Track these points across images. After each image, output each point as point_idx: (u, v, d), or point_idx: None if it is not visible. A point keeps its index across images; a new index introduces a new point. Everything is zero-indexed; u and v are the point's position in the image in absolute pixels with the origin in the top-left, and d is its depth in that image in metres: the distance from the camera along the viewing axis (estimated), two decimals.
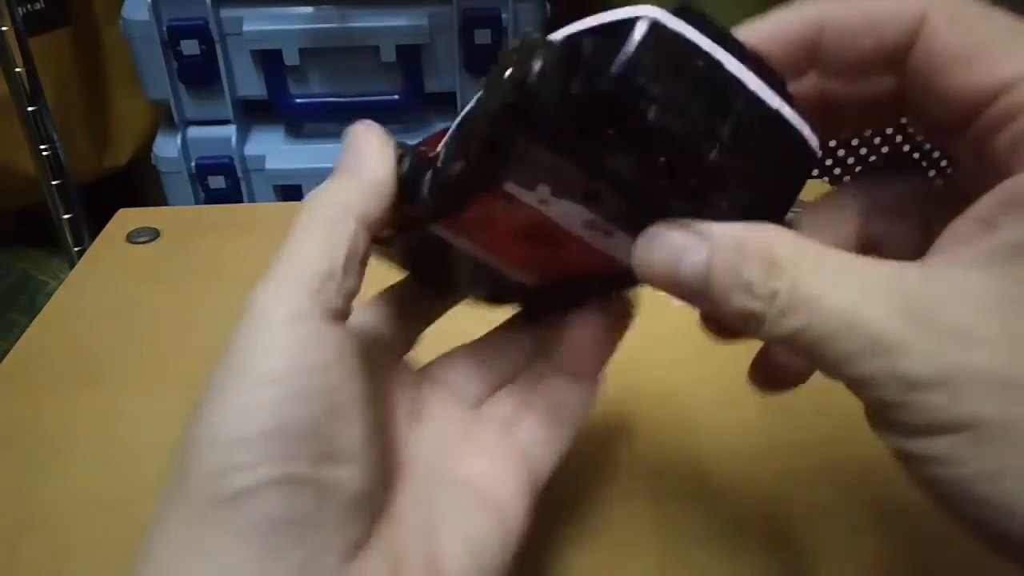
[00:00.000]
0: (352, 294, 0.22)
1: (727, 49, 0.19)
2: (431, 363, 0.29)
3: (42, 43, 0.94)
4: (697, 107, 0.18)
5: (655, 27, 0.18)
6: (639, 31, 0.18)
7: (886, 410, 0.18)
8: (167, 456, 0.20)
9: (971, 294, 0.17)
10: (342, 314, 0.22)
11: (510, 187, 0.21)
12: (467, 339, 0.29)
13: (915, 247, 0.22)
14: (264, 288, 0.21)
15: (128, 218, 0.56)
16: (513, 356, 0.29)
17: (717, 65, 0.18)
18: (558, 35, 0.20)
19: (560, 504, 0.33)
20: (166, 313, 0.47)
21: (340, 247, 0.21)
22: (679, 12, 0.18)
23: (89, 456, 0.37)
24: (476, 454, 0.26)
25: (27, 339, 0.45)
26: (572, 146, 0.19)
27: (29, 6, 0.96)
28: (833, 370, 0.18)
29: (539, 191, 0.21)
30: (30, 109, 0.81)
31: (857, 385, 0.18)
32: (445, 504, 0.24)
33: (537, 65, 0.18)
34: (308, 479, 0.20)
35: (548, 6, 1.00)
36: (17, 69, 0.79)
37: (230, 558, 0.19)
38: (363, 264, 0.22)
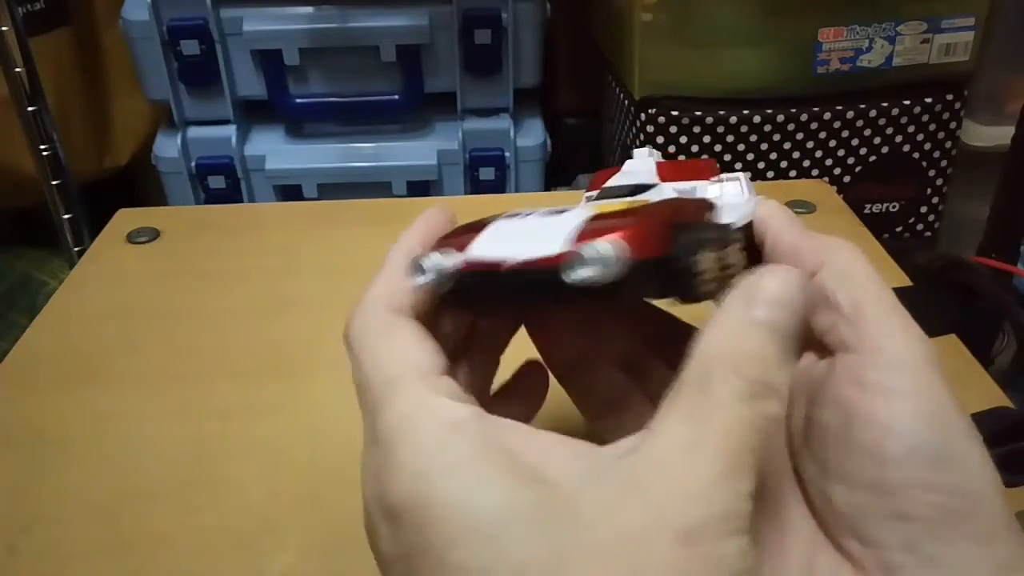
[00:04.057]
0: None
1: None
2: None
3: (42, 43, 0.94)
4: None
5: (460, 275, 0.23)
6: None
7: None
8: (167, 456, 0.20)
9: None
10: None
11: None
12: None
13: None
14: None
15: (128, 218, 0.56)
16: None
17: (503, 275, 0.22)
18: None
19: None
20: (166, 313, 0.47)
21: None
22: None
23: (89, 456, 0.37)
24: None
25: (27, 339, 0.45)
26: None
27: (29, 6, 0.96)
28: None
29: None
30: (30, 109, 0.81)
31: None
32: None
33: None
34: None
35: (548, 6, 1.00)
36: (17, 69, 0.79)
37: None
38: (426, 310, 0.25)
